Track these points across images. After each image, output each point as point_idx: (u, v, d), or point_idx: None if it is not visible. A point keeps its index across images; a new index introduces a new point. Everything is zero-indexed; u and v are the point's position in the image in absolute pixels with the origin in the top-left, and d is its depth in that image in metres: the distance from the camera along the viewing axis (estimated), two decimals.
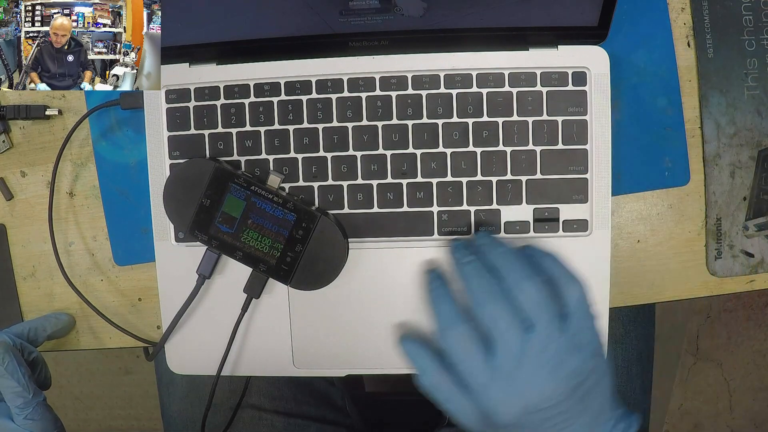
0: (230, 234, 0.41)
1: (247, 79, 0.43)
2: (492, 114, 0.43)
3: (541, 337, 0.36)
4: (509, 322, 0.36)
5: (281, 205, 0.41)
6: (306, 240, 0.41)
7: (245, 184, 0.41)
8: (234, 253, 0.42)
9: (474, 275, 0.38)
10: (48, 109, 0.47)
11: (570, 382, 0.36)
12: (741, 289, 0.46)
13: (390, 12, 0.40)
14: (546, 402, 0.36)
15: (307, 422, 0.57)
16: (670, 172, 0.46)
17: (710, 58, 0.45)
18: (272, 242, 0.41)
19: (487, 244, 0.40)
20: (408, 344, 0.40)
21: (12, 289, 0.49)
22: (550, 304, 0.37)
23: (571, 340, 0.37)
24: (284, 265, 0.41)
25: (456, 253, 0.40)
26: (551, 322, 0.36)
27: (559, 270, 0.39)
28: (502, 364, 0.36)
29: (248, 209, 0.41)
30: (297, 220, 0.41)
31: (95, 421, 1.30)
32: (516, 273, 0.38)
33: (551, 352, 0.36)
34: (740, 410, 1.25)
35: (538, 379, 0.36)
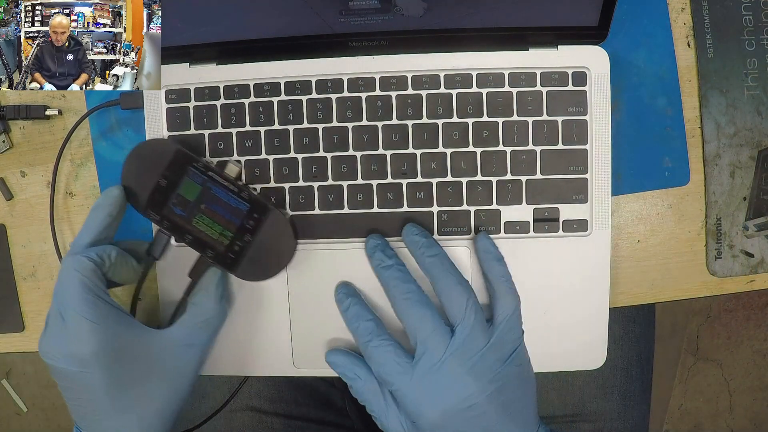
0: (182, 217, 0.41)
1: (247, 79, 0.43)
2: (492, 114, 0.43)
3: (464, 340, 0.37)
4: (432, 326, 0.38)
5: (236, 194, 0.41)
6: (256, 231, 0.41)
7: (203, 169, 0.41)
8: (184, 236, 0.42)
9: (396, 279, 0.40)
10: (48, 109, 0.47)
11: (490, 385, 0.37)
12: (741, 289, 0.46)
13: (390, 12, 0.41)
14: (466, 402, 0.37)
15: (307, 424, 0.57)
16: (670, 172, 0.46)
17: (710, 58, 0.45)
18: (222, 229, 0.41)
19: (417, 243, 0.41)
20: (332, 356, 0.42)
21: (12, 289, 0.49)
22: (476, 309, 0.38)
23: (494, 346, 0.38)
24: (231, 254, 0.41)
25: (376, 255, 0.41)
26: (476, 327, 0.38)
27: (501, 281, 0.40)
28: (424, 368, 0.38)
29: (203, 194, 0.41)
30: (249, 210, 0.41)
31: None
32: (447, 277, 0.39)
33: (472, 355, 0.37)
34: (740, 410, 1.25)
35: (458, 380, 0.37)
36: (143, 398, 0.38)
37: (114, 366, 0.36)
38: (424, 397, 0.38)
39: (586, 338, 0.43)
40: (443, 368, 0.37)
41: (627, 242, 0.46)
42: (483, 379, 0.37)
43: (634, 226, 0.46)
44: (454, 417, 0.37)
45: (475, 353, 0.37)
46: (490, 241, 0.41)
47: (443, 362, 0.37)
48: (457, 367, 0.37)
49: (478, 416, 0.38)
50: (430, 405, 0.37)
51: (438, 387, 0.37)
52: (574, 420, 0.55)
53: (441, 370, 0.37)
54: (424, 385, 0.38)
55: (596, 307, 0.43)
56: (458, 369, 0.37)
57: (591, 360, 0.44)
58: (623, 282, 0.46)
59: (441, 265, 0.40)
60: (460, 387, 0.37)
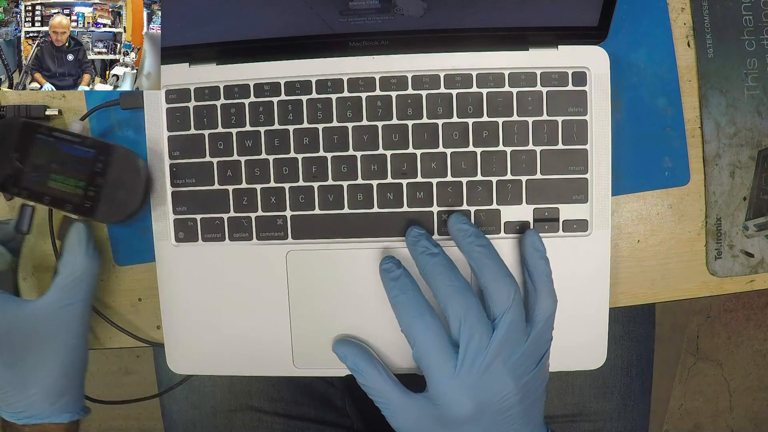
0: (38, 182, 0.43)
1: (247, 79, 0.43)
2: (492, 114, 0.43)
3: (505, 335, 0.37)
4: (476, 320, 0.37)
5: (81, 144, 0.43)
6: (105, 171, 0.43)
7: (48, 133, 0.43)
8: (43, 198, 0.43)
9: (441, 267, 0.39)
10: (48, 109, 0.47)
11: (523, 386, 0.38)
12: (741, 289, 0.46)
13: (390, 12, 0.40)
14: (501, 400, 0.37)
15: (307, 424, 0.57)
16: (670, 172, 0.46)
17: (710, 58, 0.45)
18: (76, 181, 0.43)
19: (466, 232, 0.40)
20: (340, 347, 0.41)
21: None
22: (519, 303, 0.38)
23: (531, 347, 0.38)
24: (88, 201, 0.43)
25: (419, 243, 0.40)
26: (517, 322, 0.38)
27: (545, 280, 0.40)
28: (467, 359, 0.37)
29: (52, 155, 0.43)
30: (96, 155, 0.43)
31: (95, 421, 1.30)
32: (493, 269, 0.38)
33: (513, 352, 0.37)
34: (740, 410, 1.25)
35: (499, 376, 0.37)
36: (37, 368, 0.40)
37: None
38: (462, 388, 0.37)
39: (586, 338, 0.43)
40: (485, 362, 0.37)
41: (627, 242, 0.46)
42: (519, 378, 0.37)
43: (634, 226, 0.46)
44: (487, 413, 0.37)
45: (515, 350, 0.37)
46: (539, 238, 0.41)
47: (486, 356, 0.37)
48: (498, 363, 0.37)
49: (508, 416, 0.37)
50: (467, 397, 0.37)
51: (478, 380, 0.37)
52: (574, 420, 0.55)
53: (483, 363, 0.37)
54: (465, 376, 0.37)
55: (596, 307, 0.43)
56: (499, 365, 0.37)
57: (591, 360, 0.44)
58: (623, 282, 0.46)
59: (489, 256, 0.39)
60: (499, 383, 0.37)
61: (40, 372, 0.40)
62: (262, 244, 0.44)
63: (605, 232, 0.43)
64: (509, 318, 0.37)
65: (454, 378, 0.37)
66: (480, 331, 0.37)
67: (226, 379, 0.55)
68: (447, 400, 0.38)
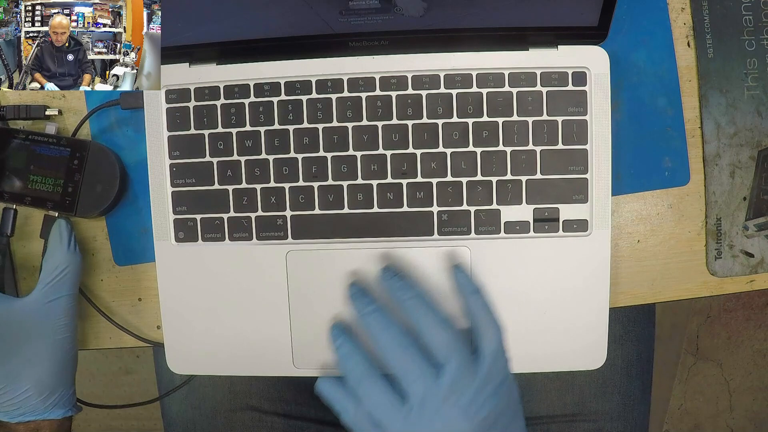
0: (19, 185, 0.45)
1: (247, 79, 0.43)
2: (492, 114, 0.43)
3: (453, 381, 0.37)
4: (418, 370, 0.37)
5: (56, 144, 0.45)
6: (81, 167, 0.45)
7: (24, 137, 0.45)
8: (24, 200, 0.45)
9: (377, 326, 0.39)
10: (48, 109, 0.47)
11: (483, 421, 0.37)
12: (741, 289, 0.46)
13: (390, 12, 0.40)
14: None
15: (307, 424, 0.57)
16: (670, 172, 0.46)
17: (710, 58, 0.45)
18: (54, 180, 0.45)
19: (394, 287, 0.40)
20: (323, 386, 0.41)
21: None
22: (460, 347, 0.38)
23: (483, 382, 0.38)
24: (67, 197, 0.45)
25: (356, 302, 0.41)
26: (462, 365, 0.37)
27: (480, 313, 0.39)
28: (416, 410, 0.37)
29: (29, 157, 0.45)
30: (71, 152, 0.45)
31: (95, 421, 1.30)
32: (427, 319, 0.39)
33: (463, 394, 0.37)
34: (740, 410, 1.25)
35: (451, 421, 0.37)
36: (27, 364, 0.41)
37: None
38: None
39: (586, 338, 0.43)
40: (434, 411, 0.37)
41: (627, 242, 0.46)
42: (475, 416, 0.37)
43: (634, 226, 0.46)
44: None
45: (465, 392, 0.37)
46: (464, 274, 0.41)
47: (434, 405, 0.37)
48: (448, 409, 0.37)
49: None
50: None
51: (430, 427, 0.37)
52: (574, 420, 0.55)
53: (432, 412, 0.37)
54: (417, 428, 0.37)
55: (596, 307, 0.43)
56: (450, 410, 0.37)
57: (591, 360, 0.44)
58: (623, 282, 0.46)
59: (419, 307, 0.39)
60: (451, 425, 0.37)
61: (31, 368, 0.41)
62: (262, 244, 0.44)
63: (605, 232, 0.43)
64: (451, 366, 0.37)
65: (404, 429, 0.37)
66: (421, 381, 0.37)
67: (226, 379, 0.55)
68: None
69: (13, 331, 0.41)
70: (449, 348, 0.37)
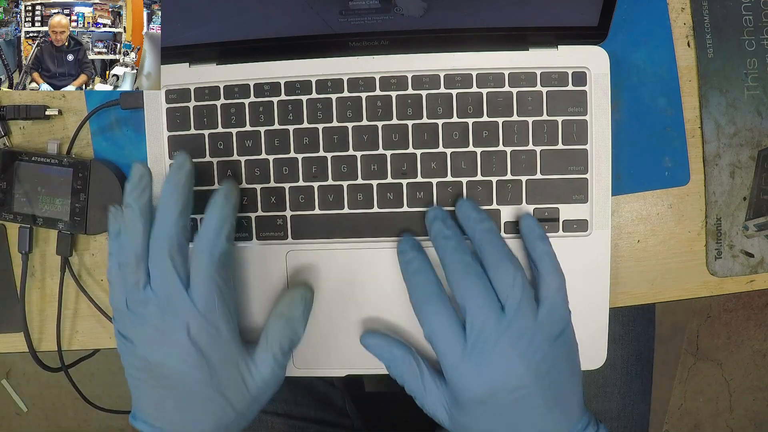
0: (29, 205, 0.46)
1: (247, 79, 0.43)
2: (492, 114, 0.43)
3: (513, 317, 0.37)
4: (483, 301, 0.37)
5: (59, 165, 0.46)
6: (86, 186, 0.46)
7: (28, 158, 0.46)
8: (36, 221, 0.46)
9: (452, 251, 0.39)
10: (48, 109, 0.47)
11: (537, 366, 0.37)
12: (741, 289, 0.46)
13: (390, 12, 0.41)
14: (512, 382, 0.36)
15: (307, 424, 0.57)
16: (670, 172, 0.46)
17: (710, 58, 0.45)
18: (62, 200, 0.46)
19: (470, 217, 0.40)
20: (368, 339, 0.41)
21: (12, 289, 0.49)
22: (527, 287, 0.38)
23: (542, 325, 0.37)
24: (77, 216, 0.46)
25: (436, 223, 0.40)
26: (524, 304, 0.37)
27: (545, 258, 0.39)
28: (473, 341, 0.37)
29: (36, 178, 0.46)
30: (74, 172, 0.46)
31: (95, 420, 1.30)
32: (496, 252, 0.38)
33: (521, 332, 0.37)
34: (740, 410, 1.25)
35: (507, 358, 0.36)
36: (221, 416, 0.38)
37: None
38: (471, 371, 0.37)
39: (586, 338, 0.43)
40: (492, 344, 0.36)
41: (627, 242, 0.46)
42: (531, 359, 0.36)
43: (634, 226, 0.46)
44: (499, 395, 0.37)
45: (524, 331, 0.37)
46: (534, 220, 0.41)
47: (492, 338, 0.36)
48: (506, 345, 0.36)
49: (522, 397, 0.37)
50: (476, 380, 0.37)
51: (486, 363, 0.37)
52: None
53: (490, 346, 0.36)
54: (473, 359, 0.37)
55: (596, 307, 0.43)
56: (507, 346, 0.36)
57: (591, 360, 0.44)
58: (623, 282, 0.46)
59: (491, 239, 0.39)
60: (507, 365, 0.36)
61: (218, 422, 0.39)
62: (262, 244, 0.44)
63: (605, 232, 0.43)
64: (514, 301, 0.37)
65: (462, 360, 0.37)
66: (486, 312, 0.37)
67: None
68: (456, 382, 0.37)
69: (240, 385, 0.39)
70: (515, 284, 0.37)
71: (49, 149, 0.47)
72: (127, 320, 0.38)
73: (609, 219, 0.43)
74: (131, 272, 0.37)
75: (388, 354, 0.41)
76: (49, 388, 1.29)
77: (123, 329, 0.38)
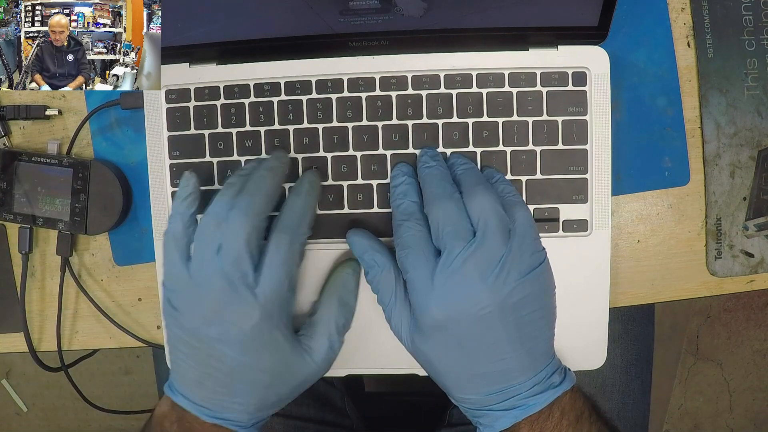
0: (29, 205, 0.46)
1: (247, 79, 0.43)
2: (492, 114, 0.43)
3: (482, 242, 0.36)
4: (455, 225, 0.37)
5: (59, 165, 0.46)
6: (86, 187, 0.46)
7: (28, 158, 0.46)
8: (36, 221, 0.46)
9: (432, 177, 0.39)
10: (48, 109, 0.47)
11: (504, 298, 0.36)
12: (741, 289, 0.46)
13: (390, 12, 0.41)
14: (474, 309, 0.36)
15: (307, 424, 0.57)
16: (670, 172, 0.46)
17: (710, 58, 0.45)
18: (62, 200, 0.46)
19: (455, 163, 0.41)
20: (354, 235, 0.41)
21: (12, 289, 0.49)
22: (499, 214, 0.37)
23: (512, 257, 0.37)
24: (77, 217, 0.46)
25: (426, 155, 0.41)
26: (495, 231, 0.37)
27: (508, 196, 0.40)
28: (443, 263, 0.37)
29: (36, 179, 0.46)
30: (74, 173, 0.46)
31: (95, 420, 1.30)
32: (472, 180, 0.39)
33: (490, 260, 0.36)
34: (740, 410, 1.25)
35: (471, 283, 0.36)
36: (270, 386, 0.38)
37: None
38: (434, 293, 0.36)
39: (586, 338, 0.43)
40: (459, 268, 0.36)
41: (627, 242, 0.46)
42: (497, 289, 0.36)
43: (634, 226, 0.46)
44: (460, 322, 0.36)
45: (492, 258, 0.36)
46: (494, 168, 0.42)
47: (460, 261, 0.36)
48: (472, 270, 0.36)
49: (484, 330, 0.36)
50: (438, 303, 0.36)
51: (450, 286, 0.36)
52: None
53: (457, 269, 0.36)
54: (438, 281, 0.36)
55: (596, 307, 0.43)
56: (473, 272, 0.36)
57: (591, 360, 0.44)
58: (623, 282, 0.46)
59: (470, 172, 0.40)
60: (471, 291, 0.36)
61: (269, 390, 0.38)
62: None
63: (605, 232, 0.43)
64: (485, 223, 0.37)
65: (427, 281, 0.37)
66: (455, 235, 0.36)
67: None
68: (419, 303, 0.37)
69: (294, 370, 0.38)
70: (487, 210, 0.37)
71: (49, 149, 0.47)
72: (183, 288, 0.37)
73: (609, 219, 0.43)
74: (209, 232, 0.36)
75: (370, 257, 0.40)
76: (49, 388, 1.29)
77: (174, 298, 0.37)
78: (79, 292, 0.49)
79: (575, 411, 0.37)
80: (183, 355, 0.37)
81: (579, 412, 0.38)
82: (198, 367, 0.37)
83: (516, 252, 0.37)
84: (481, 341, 0.36)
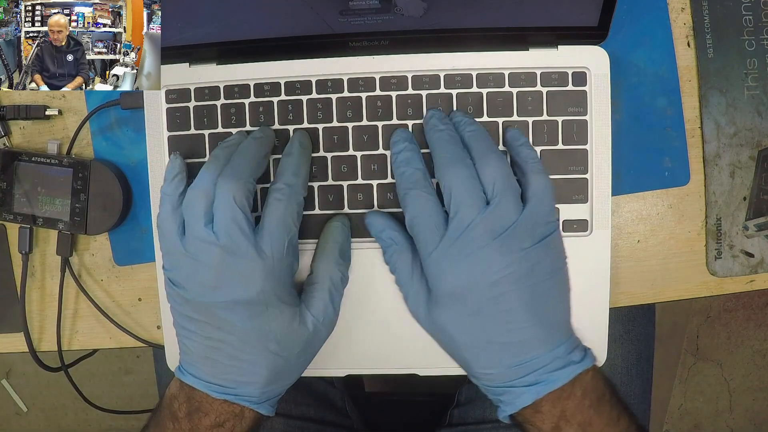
0: (29, 205, 0.46)
1: (247, 79, 0.43)
2: (492, 114, 0.43)
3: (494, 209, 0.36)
4: (467, 189, 0.36)
5: (59, 165, 0.46)
6: (86, 187, 0.46)
7: (28, 158, 0.46)
8: (36, 221, 0.46)
9: (443, 141, 0.39)
10: (48, 109, 0.47)
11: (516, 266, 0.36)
12: (741, 289, 0.46)
13: (390, 12, 0.40)
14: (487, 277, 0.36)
15: (307, 423, 0.57)
16: (670, 172, 0.46)
17: (710, 58, 0.45)
18: (62, 200, 0.46)
19: (461, 121, 0.41)
20: (372, 217, 0.41)
21: (12, 289, 0.49)
22: (511, 180, 0.37)
23: (525, 224, 0.36)
24: (77, 217, 0.46)
25: (434, 119, 0.41)
26: (507, 198, 0.36)
27: (530, 162, 0.39)
28: (454, 231, 0.36)
29: (36, 179, 0.46)
30: (74, 173, 0.46)
31: (95, 421, 1.30)
32: (483, 146, 0.38)
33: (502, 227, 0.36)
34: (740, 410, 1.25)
35: (484, 251, 0.36)
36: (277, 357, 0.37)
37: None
38: (447, 260, 0.36)
39: (587, 338, 0.43)
40: (471, 235, 0.36)
41: (627, 242, 0.46)
42: (509, 255, 0.35)
43: (634, 226, 0.46)
44: (474, 291, 0.36)
45: (505, 224, 0.36)
46: (519, 131, 0.41)
47: (472, 229, 0.36)
48: (484, 237, 0.35)
49: (498, 296, 0.36)
50: (451, 270, 0.36)
51: (463, 253, 0.36)
52: None
53: (469, 237, 0.36)
54: (451, 248, 0.36)
55: (596, 308, 0.43)
56: (485, 239, 0.35)
57: None
58: (623, 282, 0.46)
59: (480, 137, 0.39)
60: (484, 257, 0.35)
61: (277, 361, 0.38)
62: None
63: (605, 232, 0.43)
64: (497, 194, 0.36)
65: (439, 249, 0.36)
66: (468, 201, 0.36)
67: None
68: (432, 272, 0.37)
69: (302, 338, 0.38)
70: (500, 175, 0.36)
71: (49, 149, 0.47)
72: (181, 263, 0.36)
73: (609, 219, 0.43)
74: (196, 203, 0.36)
75: (387, 236, 0.40)
76: (49, 388, 1.29)
77: (174, 275, 0.37)
78: (79, 292, 0.49)
79: (597, 392, 0.37)
80: (189, 332, 0.37)
81: (600, 393, 0.37)
82: (205, 342, 0.37)
83: (529, 220, 0.36)
84: (496, 308, 0.36)
